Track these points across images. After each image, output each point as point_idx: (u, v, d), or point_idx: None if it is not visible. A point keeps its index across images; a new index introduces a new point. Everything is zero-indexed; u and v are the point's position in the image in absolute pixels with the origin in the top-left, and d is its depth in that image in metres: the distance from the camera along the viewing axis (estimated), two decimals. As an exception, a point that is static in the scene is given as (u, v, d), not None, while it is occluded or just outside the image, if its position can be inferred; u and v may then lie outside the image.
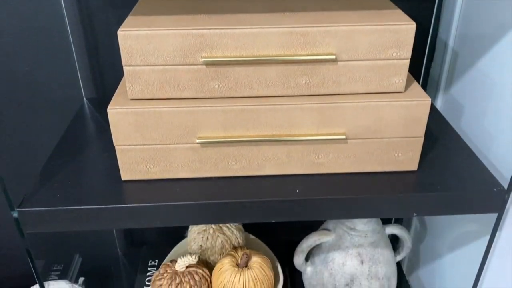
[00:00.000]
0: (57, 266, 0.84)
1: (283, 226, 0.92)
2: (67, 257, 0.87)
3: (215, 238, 0.75)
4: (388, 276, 0.71)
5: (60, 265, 0.84)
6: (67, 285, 0.86)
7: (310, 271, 0.73)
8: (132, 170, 0.53)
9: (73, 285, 0.87)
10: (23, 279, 0.86)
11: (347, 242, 0.69)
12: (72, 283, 0.86)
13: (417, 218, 0.86)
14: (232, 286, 0.68)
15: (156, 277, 0.70)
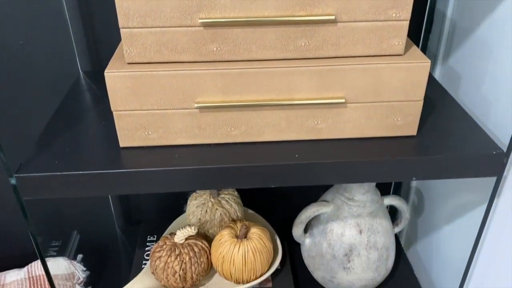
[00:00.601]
0: (55, 242, 0.84)
1: (281, 202, 0.92)
2: (65, 234, 0.87)
3: (214, 211, 0.75)
4: (387, 247, 0.71)
5: (58, 241, 0.83)
6: (66, 262, 0.86)
7: (308, 243, 0.74)
8: (130, 137, 0.52)
9: (72, 262, 0.87)
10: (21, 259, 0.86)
11: (345, 212, 0.69)
12: (70, 260, 0.86)
13: (415, 191, 0.87)
14: (232, 257, 0.68)
15: (155, 249, 0.70)
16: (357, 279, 0.71)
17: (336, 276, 0.71)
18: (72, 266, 0.86)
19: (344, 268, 0.70)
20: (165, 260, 0.68)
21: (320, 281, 0.75)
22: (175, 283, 0.68)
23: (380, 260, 0.70)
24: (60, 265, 0.85)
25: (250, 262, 0.68)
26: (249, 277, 0.69)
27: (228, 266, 0.68)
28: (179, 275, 0.67)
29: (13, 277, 0.84)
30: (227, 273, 0.69)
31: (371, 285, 0.72)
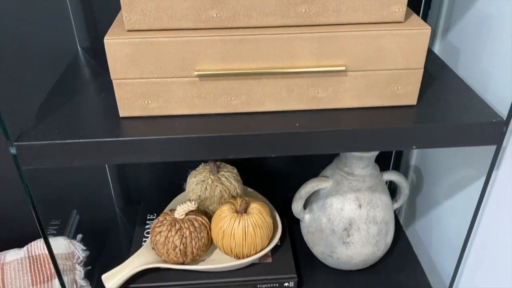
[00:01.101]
0: (54, 221, 0.84)
1: (281, 182, 0.92)
2: (64, 214, 0.87)
3: (213, 188, 0.75)
4: (386, 221, 0.71)
5: (58, 220, 0.83)
6: (65, 241, 0.86)
7: (308, 219, 0.74)
8: (130, 106, 0.52)
9: (71, 241, 0.87)
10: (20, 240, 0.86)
11: (345, 187, 0.69)
12: (70, 239, 0.87)
13: (414, 169, 0.87)
14: (232, 231, 0.68)
15: (155, 224, 0.70)
16: (357, 254, 0.71)
17: (336, 251, 0.71)
18: (72, 245, 0.86)
19: (344, 243, 0.70)
20: (165, 235, 0.68)
21: (319, 257, 0.75)
22: (176, 258, 0.68)
23: (379, 234, 0.71)
24: (60, 245, 0.85)
25: (250, 237, 0.68)
26: (249, 252, 0.70)
27: (229, 240, 0.69)
28: (180, 249, 0.68)
29: (13, 256, 0.84)
30: (227, 248, 0.70)
31: (371, 260, 0.72)
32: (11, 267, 0.82)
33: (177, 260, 0.69)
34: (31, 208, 0.57)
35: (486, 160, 0.58)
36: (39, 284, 0.83)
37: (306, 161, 0.90)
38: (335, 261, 0.73)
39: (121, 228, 0.90)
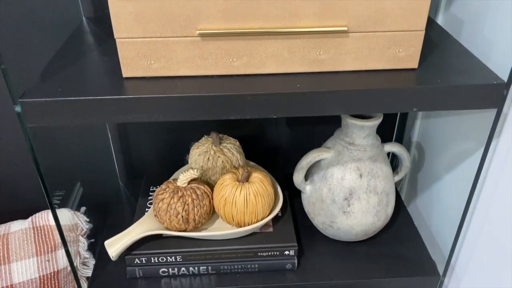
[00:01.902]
0: (58, 192, 0.84)
1: (283, 157, 0.92)
2: (68, 186, 0.88)
3: (216, 159, 0.75)
4: (387, 192, 0.72)
5: (62, 191, 0.84)
6: (69, 213, 0.87)
7: (309, 190, 0.74)
8: (133, 66, 0.53)
9: (75, 213, 0.88)
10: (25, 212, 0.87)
11: (346, 157, 0.70)
12: (73, 211, 0.87)
13: (416, 145, 0.87)
14: (233, 199, 0.69)
15: (158, 192, 0.71)
16: (357, 223, 0.71)
17: (336, 220, 0.72)
18: (76, 217, 0.87)
19: (344, 212, 0.71)
20: (168, 202, 0.68)
21: (320, 228, 0.76)
22: (178, 225, 0.69)
23: (380, 205, 0.71)
24: (64, 216, 0.86)
25: (251, 205, 0.69)
26: (250, 220, 0.70)
27: (230, 208, 0.69)
28: (182, 216, 0.68)
29: (17, 227, 0.85)
30: (228, 216, 0.70)
31: (371, 230, 0.73)
32: (16, 237, 0.83)
33: (179, 227, 0.69)
34: (37, 172, 0.58)
35: (487, 132, 0.58)
36: (43, 254, 0.84)
37: (307, 136, 0.90)
38: (335, 231, 0.74)
39: (124, 201, 0.91)
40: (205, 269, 0.71)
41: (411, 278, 0.71)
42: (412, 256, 0.75)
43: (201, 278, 0.71)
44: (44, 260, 0.84)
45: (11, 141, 0.87)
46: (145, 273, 0.70)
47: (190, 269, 0.71)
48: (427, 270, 0.72)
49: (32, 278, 0.82)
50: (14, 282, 0.81)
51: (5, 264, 0.81)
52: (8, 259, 0.81)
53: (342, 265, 0.73)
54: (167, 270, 0.71)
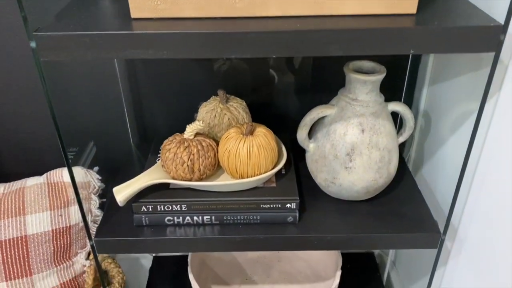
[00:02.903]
0: (72, 148, 0.88)
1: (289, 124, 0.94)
2: (81, 144, 0.92)
3: (222, 116, 0.78)
4: (389, 149, 0.73)
5: (75, 147, 0.88)
6: (82, 170, 0.90)
7: (312, 147, 0.76)
8: (141, 7, 0.56)
9: (88, 171, 0.91)
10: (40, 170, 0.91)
11: (349, 112, 0.71)
12: (86, 169, 0.91)
13: (423, 114, 0.88)
14: (237, 151, 0.71)
15: (165, 143, 0.73)
16: (358, 179, 0.72)
17: (338, 176, 0.73)
18: (89, 175, 0.90)
19: (346, 168, 0.72)
20: (174, 151, 0.71)
21: (322, 185, 0.77)
22: (183, 174, 0.71)
23: (381, 161, 0.72)
24: (77, 174, 0.89)
25: (254, 157, 0.71)
26: (253, 172, 0.72)
27: (234, 160, 0.71)
28: (187, 165, 0.71)
29: (33, 182, 0.89)
30: (232, 168, 0.72)
31: (373, 187, 0.74)
32: (31, 191, 0.87)
33: (184, 176, 0.72)
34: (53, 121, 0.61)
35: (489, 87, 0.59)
36: (57, 209, 0.87)
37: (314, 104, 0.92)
38: (337, 188, 0.75)
39: (135, 163, 0.93)
40: (208, 219, 0.73)
41: (411, 234, 0.72)
42: (414, 214, 0.75)
43: (204, 228, 0.73)
44: (57, 215, 0.87)
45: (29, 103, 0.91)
46: (151, 221, 0.73)
47: (194, 219, 0.73)
48: (428, 228, 0.73)
49: (45, 231, 0.86)
50: (28, 233, 0.85)
51: (20, 215, 0.85)
52: (23, 211, 0.85)
53: (344, 221, 0.74)
54: (172, 219, 0.73)
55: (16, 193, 0.87)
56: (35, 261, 0.85)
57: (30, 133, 0.95)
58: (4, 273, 0.84)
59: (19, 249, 0.84)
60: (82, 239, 0.92)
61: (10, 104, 0.91)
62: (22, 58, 0.87)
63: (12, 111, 0.92)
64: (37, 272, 0.86)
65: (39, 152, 0.97)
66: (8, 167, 0.98)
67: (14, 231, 0.84)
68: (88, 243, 0.93)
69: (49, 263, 0.87)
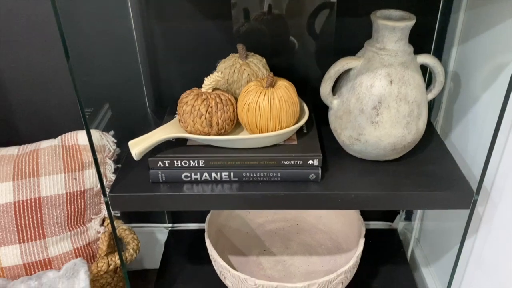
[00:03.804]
0: (87, 109, 0.85)
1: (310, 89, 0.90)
2: (96, 105, 0.90)
3: (241, 72, 0.75)
4: (418, 102, 0.69)
5: (90, 108, 0.85)
6: (97, 133, 0.88)
7: (336, 103, 0.72)
8: None
9: (103, 133, 0.89)
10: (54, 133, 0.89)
11: (376, 63, 0.67)
12: (101, 132, 0.89)
13: (452, 74, 0.83)
14: (257, 104, 0.68)
15: (182, 96, 0.71)
16: (385, 135, 0.69)
17: (364, 132, 0.69)
18: (104, 138, 0.88)
19: (372, 123, 0.68)
20: (192, 104, 0.68)
21: (346, 143, 0.73)
22: (201, 127, 0.68)
23: (410, 115, 0.68)
24: (92, 136, 0.87)
25: (275, 110, 0.68)
26: (274, 127, 0.69)
27: (254, 113, 0.68)
28: (205, 118, 0.68)
29: (47, 144, 0.87)
30: (252, 123, 0.69)
31: (400, 144, 0.70)
32: (46, 152, 0.85)
33: (202, 130, 0.69)
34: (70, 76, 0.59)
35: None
36: (71, 172, 0.85)
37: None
38: (362, 146, 0.71)
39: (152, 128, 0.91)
40: (227, 176, 0.70)
41: (442, 192, 0.68)
42: (444, 174, 0.71)
43: (222, 185, 0.70)
44: (71, 178, 0.85)
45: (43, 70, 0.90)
46: (167, 177, 0.70)
47: (212, 175, 0.70)
48: (460, 187, 0.69)
49: (59, 193, 0.84)
50: (42, 195, 0.83)
51: (34, 177, 0.83)
52: (37, 172, 0.83)
53: (369, 179, 0.71)
54: (189, 175, 0.70)
55: (30, 154, 0.85)
56: (49, 224, 0.83)
57: (44, 100, 0.93)
58: (18, 235, 0.82)
59: (32, 211, 0.82)
60: (96, 205, 0.90)
61: (24, 71, 0.90)
62: (38, 24, 0.85)
63: (26, 79, 0.91)
64: (51, 236, 0.84)
65: (53, 119, 0.95)
66: (23, 135, 0.97)
67: (28, 193, 0.82)
68: (102, 209, 0.91)
69: (63, 227, 0.85)
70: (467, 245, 0.78)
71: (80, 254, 0.86)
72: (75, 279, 0.77)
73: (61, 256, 0.84)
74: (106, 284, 0.88)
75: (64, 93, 0.92)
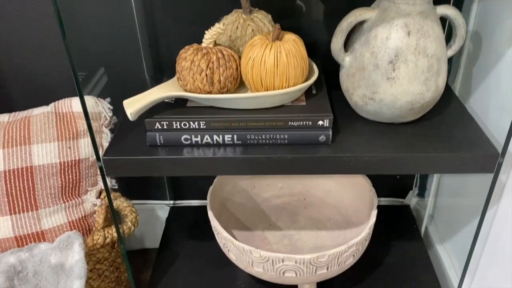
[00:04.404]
0: (81, 73, 0.80)
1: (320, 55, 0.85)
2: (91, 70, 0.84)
3: (245, 27, 0.69)
4: (438, 57, 0.63)
5: (85, 71, 0.80)
6: (92, 99, 0.83)
7: (348, 60, 0.67)
8: None
9: (99, 99, 0.84)
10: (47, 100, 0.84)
11: (392, 13, 0.61)
12: (97, 98, 0.84)
13: (472, 34, 0.77)
14: (262, 59, 0.62)
15: (181, 52, 0.65)
16: (402, 92, 0.63)
17: (378, 90, 0.64)
18: (100, 104, 0.83)
19: (388, 79, 0.63)
20: (191, 59, 0.63)
21: (359, 104, 0.67)
22: (202, 85, 0.63)
23: (429, 71, 0.62)
24: (87, 103, 0.81)
25: (282, 65, 0.62)
26: (281, 85, 0.63)
27: (259, 69, 0.63)
28: (206, 74, 0.62)
29: (40, 111, 0.82)
30: (257, 81, 0.64)
31: (418, 103, 0.64)
32: (38, 119, 0.80)
33: (203, 88, 0.63)
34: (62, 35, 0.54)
35: None
36: (65, 140, 0.81)
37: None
38: (377, 106, 0.65)
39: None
40: (230, 139, 0.65)
41: (464, 154, 0.62)
42: (466, 136, 0.66)
43: (225, 149, 0.65)
44: (66, 147, 0.80)
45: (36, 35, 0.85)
46: (166, 140, 0.65)
47: (214, 138, 0.65)
48: (483, 148, 0.63)
49: (52, 162, 0.79)
50: (34, 164, 0.78)
51: (25, 144, 0.78)
52: (29, 140, 0.79)
53: (383, 142, 0.65)
54: (189, 138, 0.65)
55: (22, 121, 0.80)
56: (42, 194, 0.79)
57: (38, 66, 0.88)
58: (9, 205, 0.77)
59: (24, 181, 0.78)
60: (93, 176, 0.85)
61: (17, 37, 0.85)
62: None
63: (18, 44, 0.86)
64: (44, 207, 0.79)
65: (48, 87, 0.90)
66: (16, 105, 0.92)
67: (19, 161, 0.78)
68: (99, 181, 0.86)
69: (57, 198, 0.80)
70: (487, 218, 0.73)
71: (75, 227, 0.82)
72: (68, 251, 0.72)
73: (55, 229, 0.80)
74: (103, 259, 0.83)
75: (59, 59, 0.87)
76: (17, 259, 0.69)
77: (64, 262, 0.71)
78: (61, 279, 0.70)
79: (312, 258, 0.68)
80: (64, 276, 0.70)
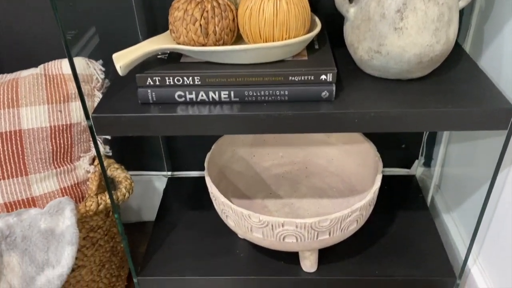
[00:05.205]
0: (70, 31, 0.76)
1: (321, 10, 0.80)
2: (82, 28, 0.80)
3: (243, -21, 0.65)
4: (450, 5, 0.58)
5: (74, 30, 0.76)
6: (83, 61, 0.79)
7: (353, 12, 0.62)
8: None
9: (90, 61, 0.80)
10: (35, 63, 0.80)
11: (401, -43, 0.57)
12: (88, 59, 0.80)
13: (484, -16, 0.73)
14: (261, 7, 0.58)
15: (173, 3, 0.61)
16: (410, 43, 0.59)
17: (385, 42, 0.60)
18: (91, 66, 0.79)
19: (396, 29, 0.58)
20: (184, 8, 0.59)
21: (365, 58, 0.63)
22: (196, 36, 0.59)
23: (440, 20, 0.58)
24: (78, 64, 0.78)
25: (282, 14, 0.58)
26: (281, 36, 0.59)
27: (257, 19, 0.58)
28: (200, 25, 0.58)
29: (28, 72, 0.78)
30: (255, 32, 0.60)
31: (427, 55, 0.60)
32: (26, 81, 0.77)
33: (197, 40, 0.59)
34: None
35: None
36: (55, 103, 0.77)
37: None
38: (383, 59, 0.61)
39: (144, 57, 0.82)
40: (226, 95, 0.61)
41: (476, 109, 0.58)
42: (478, 92, 0.62)
43: (222, 106, 0.61)
44: (56, 110, 0.77)
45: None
46: (159, 97, 0.61)
47: (210, 95, 0.61)
48: (497, 103, 0.59)
49: (42, 126, 0.76)
50: (23, 127, 0.75)
51: (13, 107, 0.75)
52: (17, 102, 0.75)
53: (390, 98, 0.61)
54: (183, 95, 0.61)
55: (9, 83, 0.76)
56: (31, 159, 0.75)
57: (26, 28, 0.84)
58: (-3, 170, 0.74)
59: (12, 145, 0.74)
60: (85, 142, 0.81)
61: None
62: None
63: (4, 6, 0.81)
64: (34, 173, 0.76)
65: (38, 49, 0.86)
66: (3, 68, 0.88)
67: (7, 124, 0.74)
68: (92, 147, 0.83)
69: (48, 164, 0.77)
70: (497, 185, 0.69)
71: (68, 194, 0.79)
72: (59, 216, 0.69)
73: (46, 196, 0.77)
74: (97, 228, 0.80)
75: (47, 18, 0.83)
76: (5, 224, 0.66)
77: (55, 228, 0.68)
78: (51, 244, 0.67)
79: (314, 223, 0.65)
80: (54, 241, 0.67)
